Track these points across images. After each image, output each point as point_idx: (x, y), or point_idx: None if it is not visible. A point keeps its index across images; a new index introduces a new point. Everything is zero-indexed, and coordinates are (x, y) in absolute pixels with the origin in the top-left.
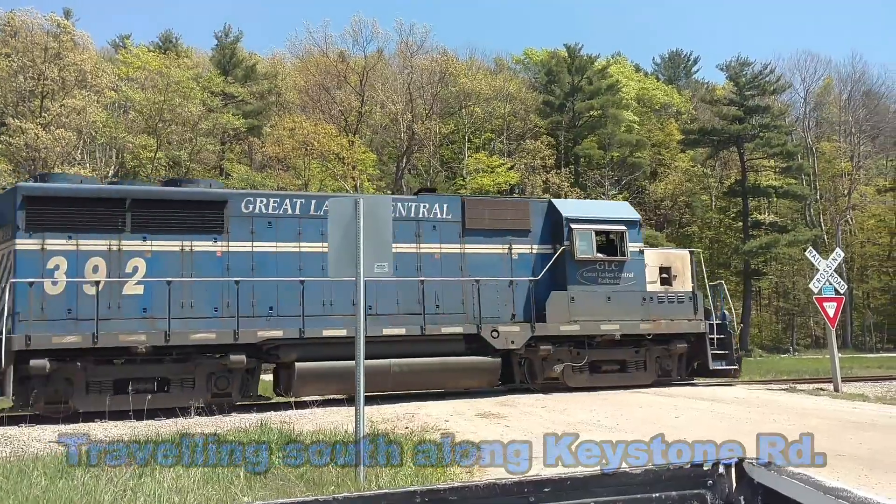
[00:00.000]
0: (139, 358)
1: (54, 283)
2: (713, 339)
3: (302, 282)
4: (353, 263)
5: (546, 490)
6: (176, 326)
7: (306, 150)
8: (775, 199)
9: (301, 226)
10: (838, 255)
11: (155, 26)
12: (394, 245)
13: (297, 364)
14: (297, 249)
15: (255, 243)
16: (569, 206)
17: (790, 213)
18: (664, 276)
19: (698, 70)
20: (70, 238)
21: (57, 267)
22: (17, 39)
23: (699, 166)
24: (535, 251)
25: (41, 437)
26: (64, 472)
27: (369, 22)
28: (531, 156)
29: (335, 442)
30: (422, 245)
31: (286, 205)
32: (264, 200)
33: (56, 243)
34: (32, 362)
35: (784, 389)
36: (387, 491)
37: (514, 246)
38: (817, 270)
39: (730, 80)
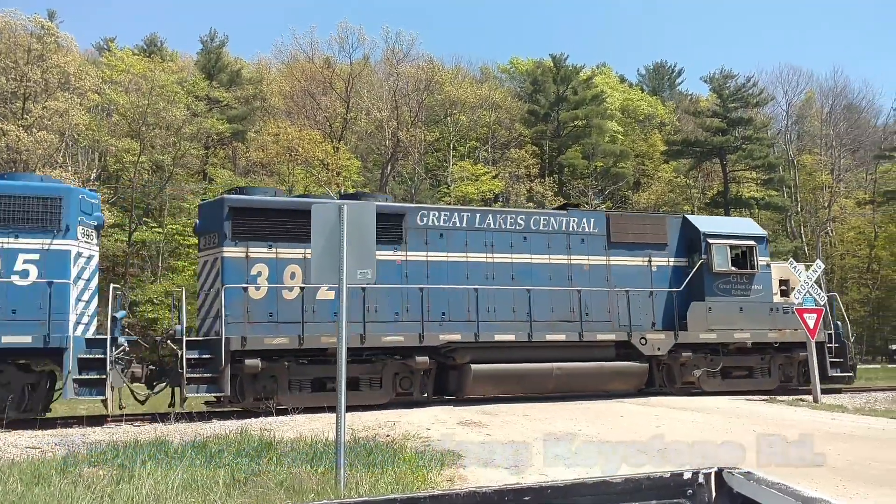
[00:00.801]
0: (332, 358)
1: (257, 289)
2: (830, 347)
3: (476, 289)
4: (336, 269)
5: (526, 498)
6: (361, 330)
7: (291, 155)
8: (757, 210)
9: (468, 237)
10: (819, 266)
11: (140, 30)
12: (547, 256)
13: (472, 366)
14: (465, 259)
15: (429, 253)
16: (705, 223)
17: (771, 224)
18: (783, 288)
19: (682, 82)
20: (270, 247)
21: (259, 273)
22: (0, 40)
23: (682, 177)
24: (671, 264)
25: (17, 443)
26: (41, 479)
27: (356, 29)
28: (516, 164)
29: (316, 449)
30: (572, 257)
31: (455, 218)
32: (436, 214)
33: (258, 251)
34: (247, 361)
35: (764, 400)
36: (366, 499)
37: (652, 258)
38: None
39: (713, 92)
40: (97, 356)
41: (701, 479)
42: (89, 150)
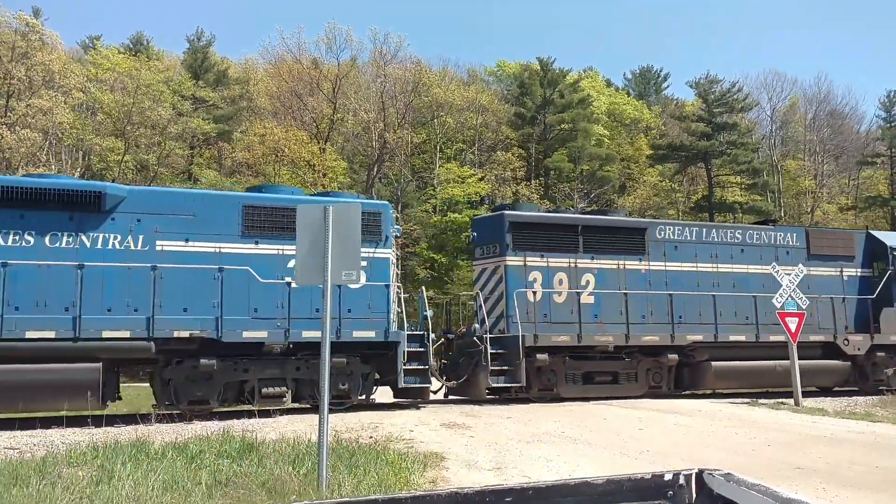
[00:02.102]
0: (599, 355)
1: (534, 293)
2: None
3: (713, 296)
4: (322, 270)
5: (508, 499)
6: (625, 330)
7: (277, 156)
8: (741, 214)
9: (697, 249)
10: (801, 270)
11: (126, 28)
12: (759, 267)
13: (712, 363)
14: (695, 269)
15: (666, 264)
16: (890, 238)
17: None
18: None
19: (668, 86)
20: (542, 256)
21: (535, 280)
22: None
23: (667, 181)
24: (858, 274)
25: None
26: (19, 479)
27: (343, 30)
28: (502, 167)
29: (298, 451)
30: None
31: (686, 232)
32: (671, 228)
33: (533, 260)
34: (538, 356)
35: (746, 403)
36: (347, 499)
37: (843, 269)
38: (780, 286)
39: (699, 96)
40: (418, 349)
41: (681, 480)
42: (73, 149)
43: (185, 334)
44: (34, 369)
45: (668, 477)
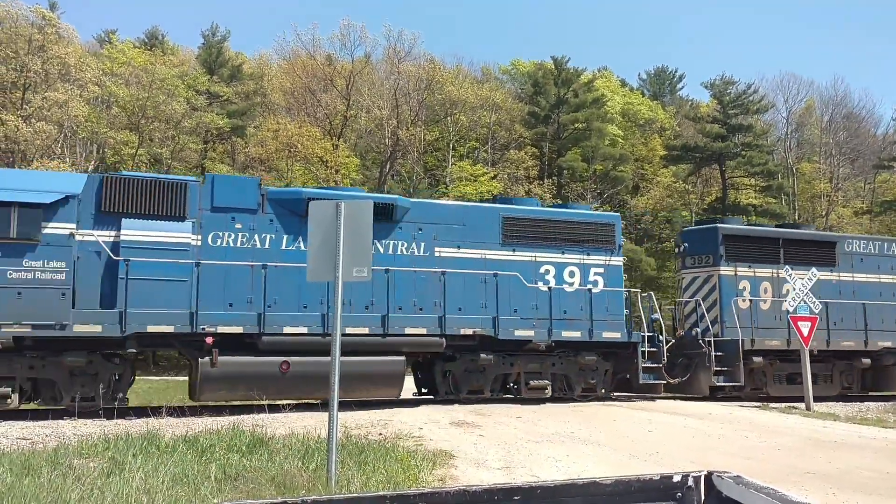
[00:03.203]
0: (800, 357)
1: (743, 301)
2: None
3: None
4: (333, 267)
5: (516, 498)
6: (826, 336)
7: (290, 151)
8: (755, 217)
9: (879, 262)
10: (814, 274)
11: (141, 22)
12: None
13: None
14: (877, 280)
15: (854, 274)
16: None
17: None
18: None
19: (683, 87)
20: (750, 267)
21: (744, 288)
22: (1, 30)
23: (681, 182)
24: None
25: (8, 434)
26: (31, 470)
27: (358, 26)
28: (515, 166)
29: (308, 446)
30: None
31: (870, 246)
32: (858, 242)
33: (743, 271)
34: (755, 358)
35: (757, 407)
36: (357, 495)
37: None
38: (793, 289)
39: (714, 98)
40: (651, 349)
41: (690, 482)
42: (88, 142)
43: (469, 331)
44: (353, 361)
45: (676, 478)
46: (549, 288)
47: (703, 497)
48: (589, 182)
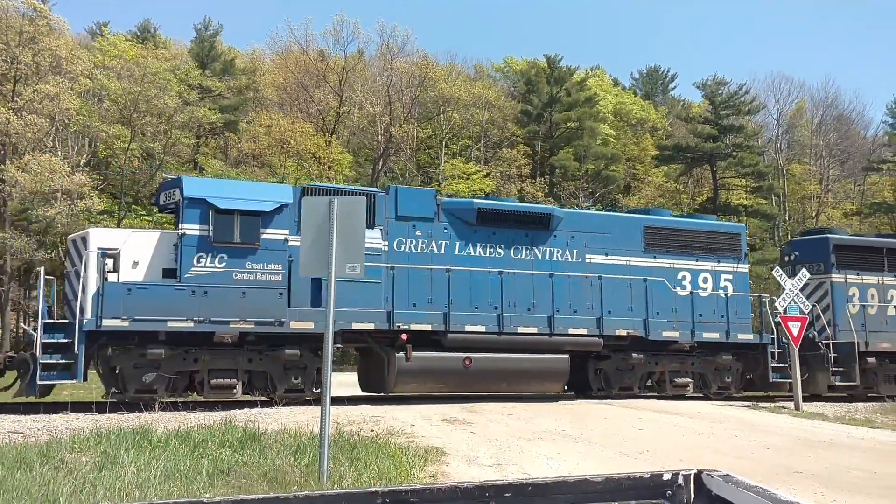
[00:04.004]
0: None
1: (853, 306)
2: None
3: None
4: (325, 263)
5: (507, 495)
6: None
7: (282, 147)
8: (745, 217)
9: None
10: (804, 275)
11: (133, 15)
12: None
13: None
14: None
15: None
16: None
17: (759, 232)
18: None
19: (675, 87)
20: (858, 274)
21: (853, 294)
22: None
23: (672, 182)
24: None
25: (0, 427)
26: (23, 463)
27: (351, 22)
28: (507, 164)
29: (300, 442)
30: None
31: None
32: None
33: (852, 278)
34: (868, 359)
35: (747, 406)
36: (348, 491)
37: None
38: (783, 289)
39: (705, 98)
40: (777, 350)
41: (680, 480)
42: (79, 136)
43: (623, 332)
44: (524, 359)
45: (666, 476)
46: (691, 292)
47: (692, 495)
48: (581, 181)
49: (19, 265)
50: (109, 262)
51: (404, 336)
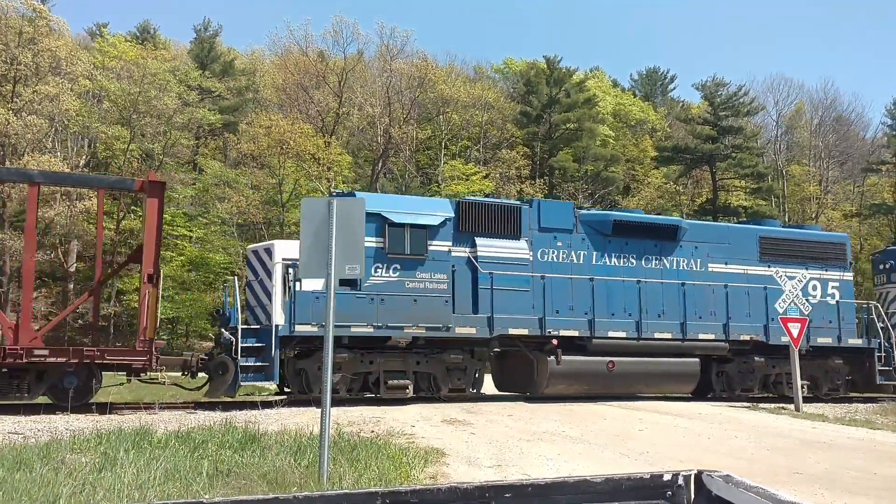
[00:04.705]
0: None
1: None
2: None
3: None
4: (325, 264)
5: (507, 495)
6: None
7: (282, 148)
8: (745, 218)
9: None
10: (804, 276)
11: (133, 16)
12: None
13: None
14: None
15: None
16: None
17: None
18: None
19: (675, 88)
20: None
21: None
22: None
23: (672, 183)
24: None
25: (0, 429)
26: (22, 464)
27: (350, 23)
28: (506, 165)
29: (300, 443)
30: None
31: None
32: None
33: None
34: None
35: (746, 407)
36: (348, 491)
37: None
38: (783, 291)
39: (705, 99)
40: (881, 353)
41: (680, 480)
42: (79, 137)
43: (747, 337)
44: (660, 362)
45: (666, 477)
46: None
47: (692, 496)
48: (580, 182)
49: (18, 266)
50: (293, 271)
51: (555, 341)
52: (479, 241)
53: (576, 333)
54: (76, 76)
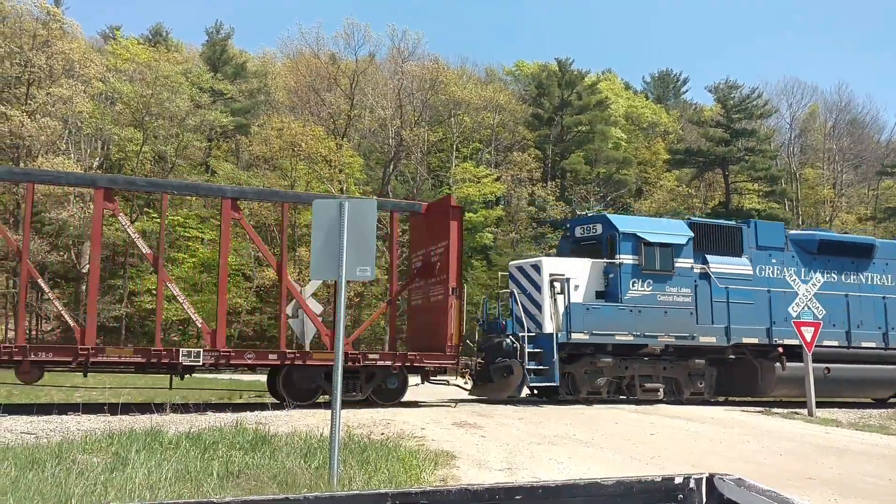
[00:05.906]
0: None
1: None
2: None
3: None
4: (336, 265)
5: (517, 497)
6: None
7: (293, 150)
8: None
9: None
10: (817, 280)
11: (146, 19)
12: None
13: None
14: None
15: None
16: None
17: None
18: None
19: (687, 91)
20: None
21: None
22: (5, 25)
23: (684, 186)
24: None
25: (13, 428)
26: (35, 464)
27: (362, 26)
28: (518, 168)
29: (310, 445)
30: None
31: None
32: None
33: None
34: None
35: (759, 412)
36: (358, 492)
37: None
38: (796, 295)
39: (718, 102)
40: None
41: (692, 484)
42: (92, 139)
43: None
44: (866, 368)
45: (678, 480)
46: None
47: (704, 499)
48: (592, 185)
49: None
50: (557, 285)
51: (780, 349)
52: (710, 258)
53: (796, 342)
54: (89, 78)
